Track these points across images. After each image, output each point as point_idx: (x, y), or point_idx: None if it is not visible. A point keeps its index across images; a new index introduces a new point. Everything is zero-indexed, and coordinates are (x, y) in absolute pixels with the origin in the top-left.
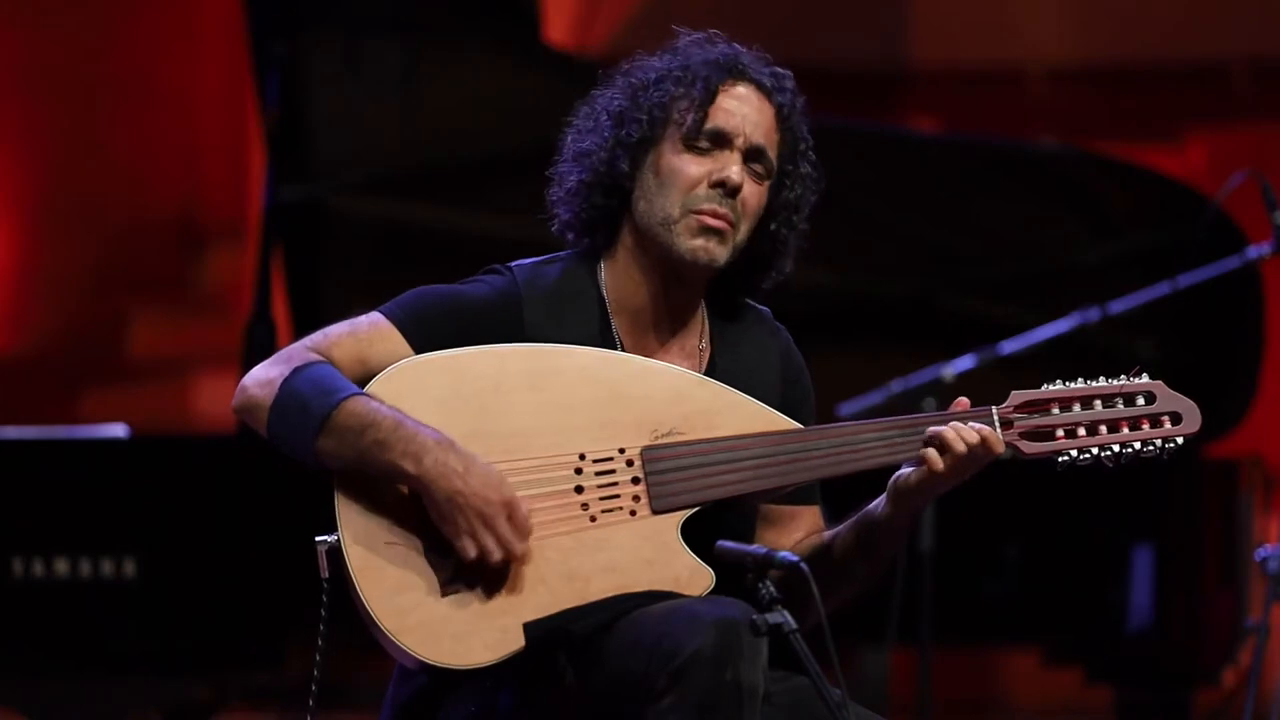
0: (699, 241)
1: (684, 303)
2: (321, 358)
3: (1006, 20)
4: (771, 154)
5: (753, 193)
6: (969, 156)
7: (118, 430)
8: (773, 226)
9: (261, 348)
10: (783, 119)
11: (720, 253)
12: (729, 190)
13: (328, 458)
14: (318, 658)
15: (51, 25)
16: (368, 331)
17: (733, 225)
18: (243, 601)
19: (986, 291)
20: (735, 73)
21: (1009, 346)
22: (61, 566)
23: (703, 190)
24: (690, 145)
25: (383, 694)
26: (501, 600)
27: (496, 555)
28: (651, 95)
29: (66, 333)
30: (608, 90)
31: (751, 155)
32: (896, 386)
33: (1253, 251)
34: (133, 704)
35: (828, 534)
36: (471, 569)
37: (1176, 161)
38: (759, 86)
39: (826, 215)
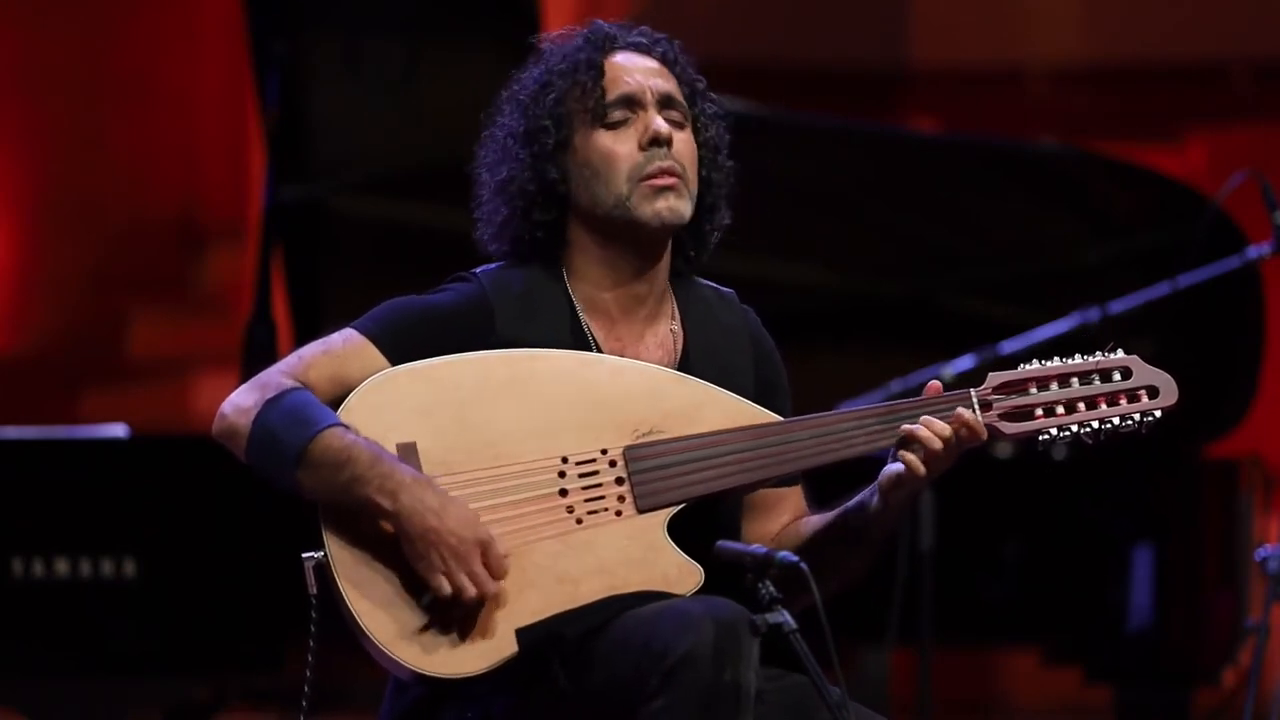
0: (660, 204)
1: (649, 289)
2: (297, 384)
3: (1007, 20)
4: (679, 98)
5: (682, 140)
6: (969, 156)
7: (118, 430)
8: (704, 173)
9: (261, 348)
10: (670, 64)
11: (682, 206)
12: (663, 142)
13: (307, 491)
14: (308, 674)
15: (51, 25)
16: (342, 349)
17: (680, 176)
18: (242, 602)
19: (986, 291)
20: (609, 44)
21: (1009, 346)
22: (61, 566)
23: (640, 157)
24: (606, 124)
25: (381, 694)
26: (492, 607)
27: (470, 594)
28: (545, 101)
29: (66, 333)
30: (500, 118)
31: (664, 104)
32: (896, 386)
33: (1253, 251)
34: (133, 704)
35: (814, 519)
36: None
37: (1176, 161)
38: (635, 47)
39: (827, 215)
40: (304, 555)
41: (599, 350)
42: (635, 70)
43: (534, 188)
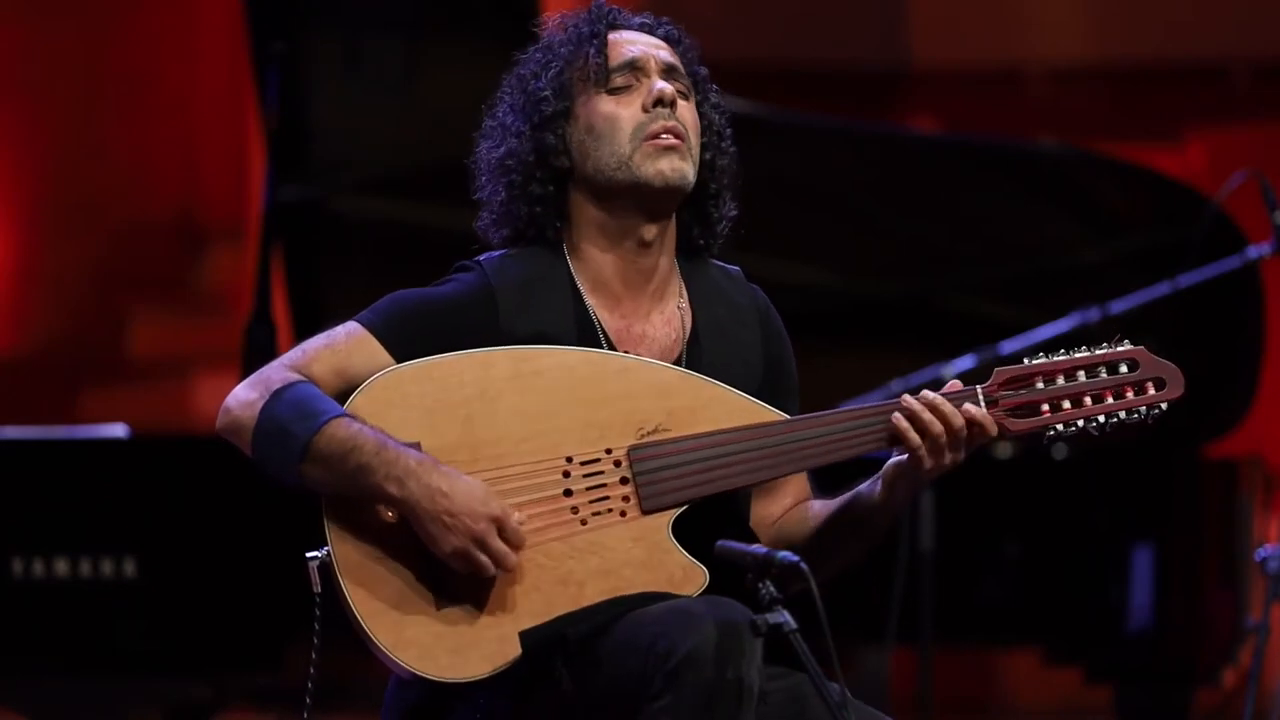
0: (663, 164)
1: (654, 263)
2: (301, 376)
3: (1007, 20)
4: (684, 72)
5: (686, 107)
6: (969, 156)
7: (118, 430)
8: (707, 156)
9: (261, 348)
10: (674, 43)
11: (685, 168)
12: (667, 102)
13: (313, 483)
14: (311, 670)
15: (51, 25)
16: (345, 343)
17: (683, 138)
18: (243, 602)
19: (986, 291)
20: (615, 21)
21: (1009, 346)
22: (61, 566)
23: (643, 117)
24: (609, 89)
25: (382, 694)
26: (496, 609)
27: (491, 571)
28: (546, 74)
29: (66, 333)
30: (502, 97)
31: (668, 73)
32: (896, 386)
33: (1253, 251)
34: (133, 704)
35: (818, 504)
36: (464, 579)
37: (1176, 161)
38: (640, 26)
39: (827, 215)
40: (308, 554)
41: (604, 331)
42: (639, 40)
43: (533, 158)
